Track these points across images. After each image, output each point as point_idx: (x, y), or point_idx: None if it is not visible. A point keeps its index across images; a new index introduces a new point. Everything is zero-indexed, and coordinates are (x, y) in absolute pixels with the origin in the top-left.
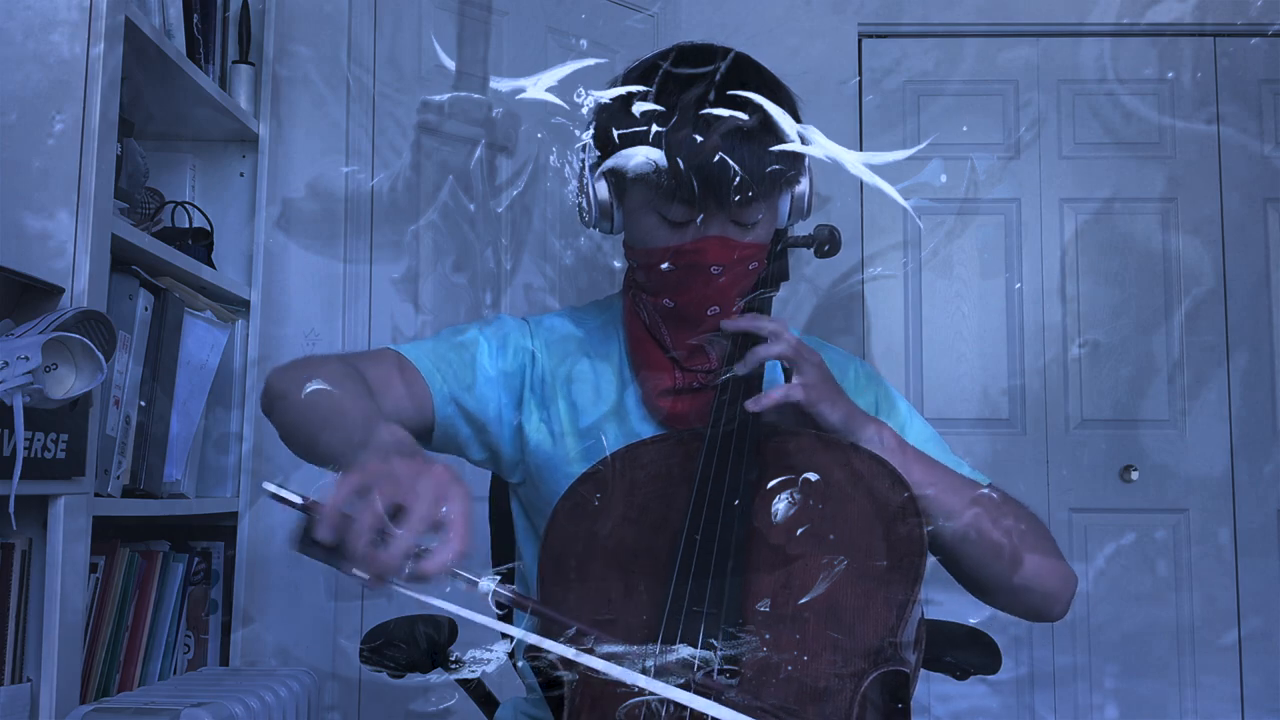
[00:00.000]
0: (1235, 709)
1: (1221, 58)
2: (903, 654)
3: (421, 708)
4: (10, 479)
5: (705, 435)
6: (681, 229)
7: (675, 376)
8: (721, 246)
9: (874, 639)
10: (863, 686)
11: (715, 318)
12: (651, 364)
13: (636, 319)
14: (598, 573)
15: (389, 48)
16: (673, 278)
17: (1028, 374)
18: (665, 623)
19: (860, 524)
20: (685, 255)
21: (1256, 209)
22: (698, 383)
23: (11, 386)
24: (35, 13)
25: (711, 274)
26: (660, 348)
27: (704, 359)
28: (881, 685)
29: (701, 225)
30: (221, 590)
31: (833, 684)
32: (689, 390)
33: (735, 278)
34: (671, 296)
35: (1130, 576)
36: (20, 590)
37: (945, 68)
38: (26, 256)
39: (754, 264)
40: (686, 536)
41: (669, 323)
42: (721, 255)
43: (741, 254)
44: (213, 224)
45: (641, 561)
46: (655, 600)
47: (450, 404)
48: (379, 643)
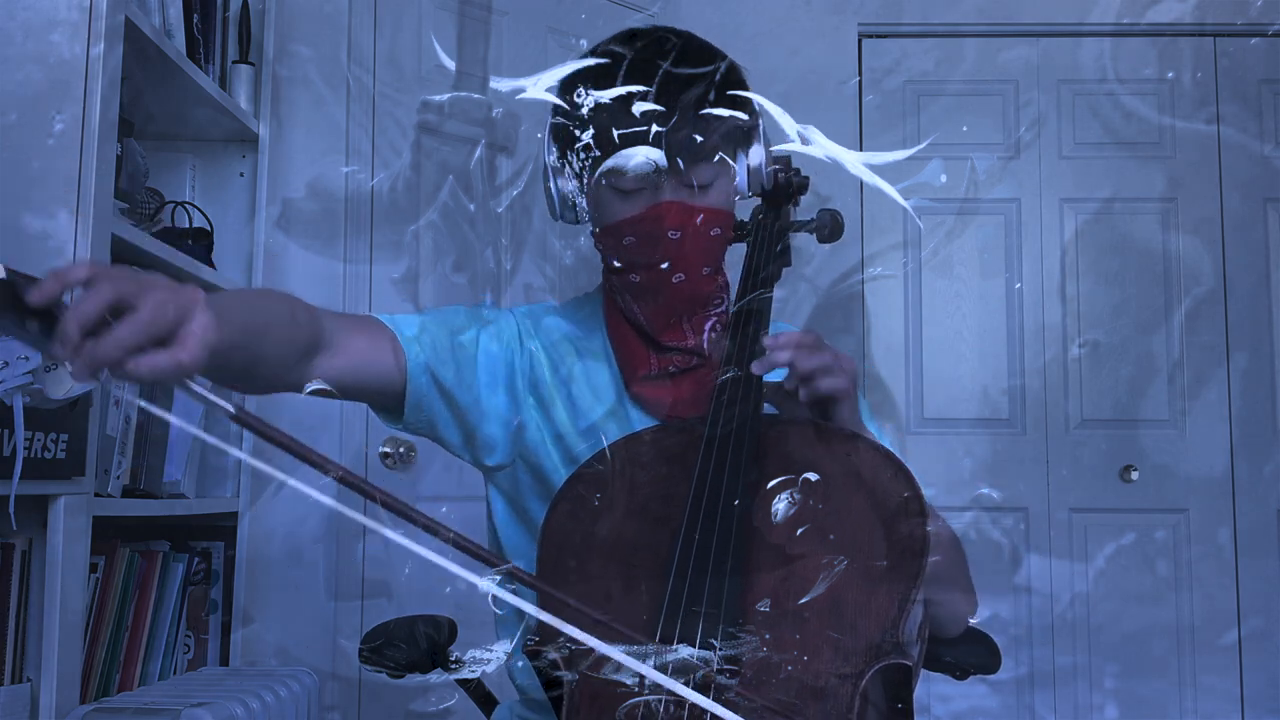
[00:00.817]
0: (1235, 709)
1: (1221, 58)
2: (904, 648)
3: (421, 708)
4: (10, 479)
5: (704, 431)
6: (635, 198)
7: (651, 362)
8: (676, 210)
9: (875, 633)
10: (864, 681)
11: (680, 286)
12: (631, 352)
13: (615, 309)
14: (596, 570)
15: (389, 48)
16: (634, 250)
17: (1028, 374)
18: (663, 621)
19: (863, 518)
20: (642, 223)
21: (1256, 209)
22: (674, 366)
23: (11, 386)
24: (35, 13)
25: (670, 239)
26: (638, 334)
27: (679, 336)
28: (883, 680)
29: (655, 192)
30: (221, 590)
31: (833, 681)
32: (666, 375)
33: (696, 243)
34: (636, 271)
35: (1130, 576)
36: (20, 590)
37: (945, 68)
38: (26, 256)
39: (716, 229)
40: (684, 535)
41: (640, 299)
42: (677, 219)
43: (698, 216)
44: (213, 224)
45: (641, 558)
46: (654, 599)
47: (425, 373)
48: (379, 643)
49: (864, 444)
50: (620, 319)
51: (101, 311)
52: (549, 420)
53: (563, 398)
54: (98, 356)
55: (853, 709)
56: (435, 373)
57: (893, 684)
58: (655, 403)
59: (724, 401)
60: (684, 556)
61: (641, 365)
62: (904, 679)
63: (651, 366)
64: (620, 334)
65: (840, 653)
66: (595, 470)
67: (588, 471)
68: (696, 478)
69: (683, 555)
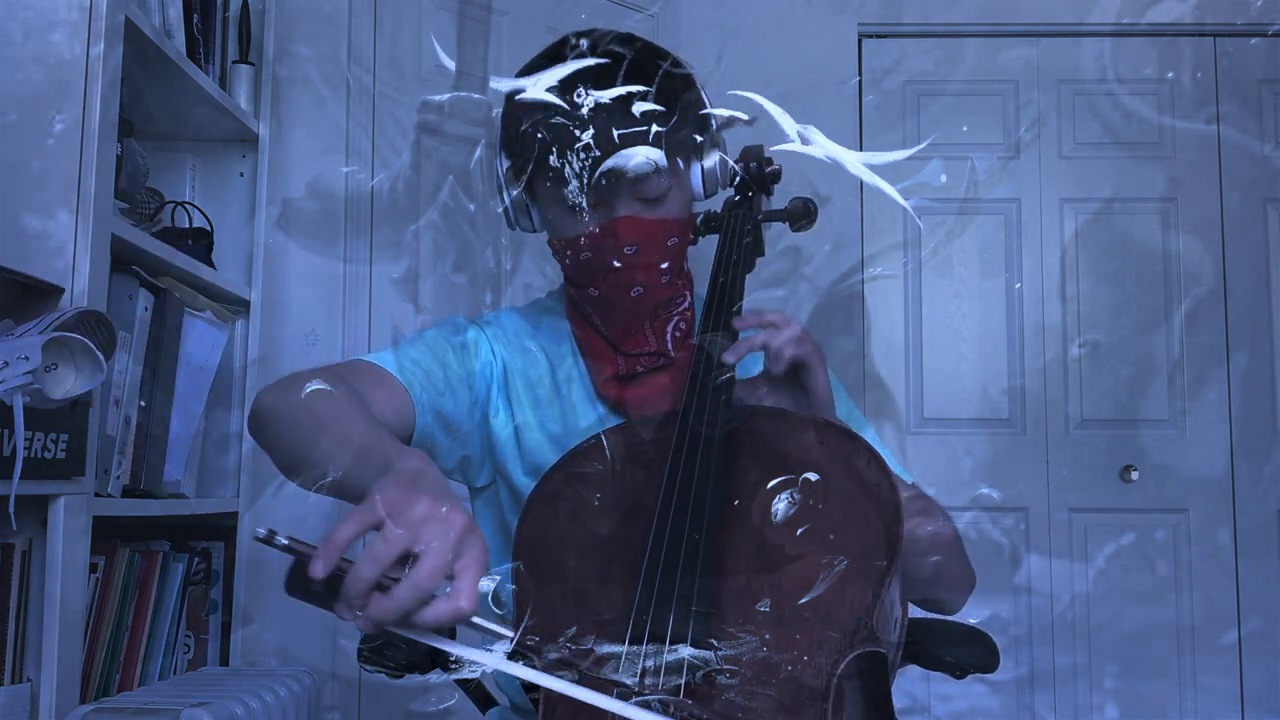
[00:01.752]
0: (1235, 709)
1: (1221, 58)
2: (879, 636)
3: (421, 708)
4: (10, 479)
5: (674, 427)
6: (585, 214)
7: (618, 363)
8: (630, 225)
9: (850, 621)
10: (839, 669)
11: (640, 299)
12: (596, 354)
13: (577, 312)
14: (569, 571)
15: (389, 48)
16: (591, 265)
17: (1028, 374)
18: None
19: (837, 505)
20: (597, 239)
21: (1256, 209)
22: (641, 366)
23: (11, 386)
24: (35, 13)
25: (626, 254)
26: (600, 337)
27: (642, 342)
28: (859, 669)
29: (608, 208)
30: (221, 590)
31: (808, 671)
32: (633, 375)
33: (653, 256)
34: (595, 285)
35: (1130, 576)
36: (20, 590)
37: (945, 68)
38: (26, 256)
39: (672, 239)
40: (655, 531)
41: (599, 311)
42: (632, 234)
43: (654, 230)
44: (213, 224)
45: (613, 557)
46: (626, 597)
47: (429, 412)
48: (378, 643)
49: (835, 431)
50: (584, 322)
51: (381, 576)
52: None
53: (531, 402)
54: (382, 618)
55: (828, 699)
56: (439, 409)
57: (869, 673)
58: (623, 401)
59: (695, 397)
60: (654, 553)
61: (609, 366)
62: (880, 667)
63: (619, 367)
64: (585, 336)
65: (815, 642)
66: (565, 472)
67: (556, 474)
68: (668, 474)
69: (653, 551)
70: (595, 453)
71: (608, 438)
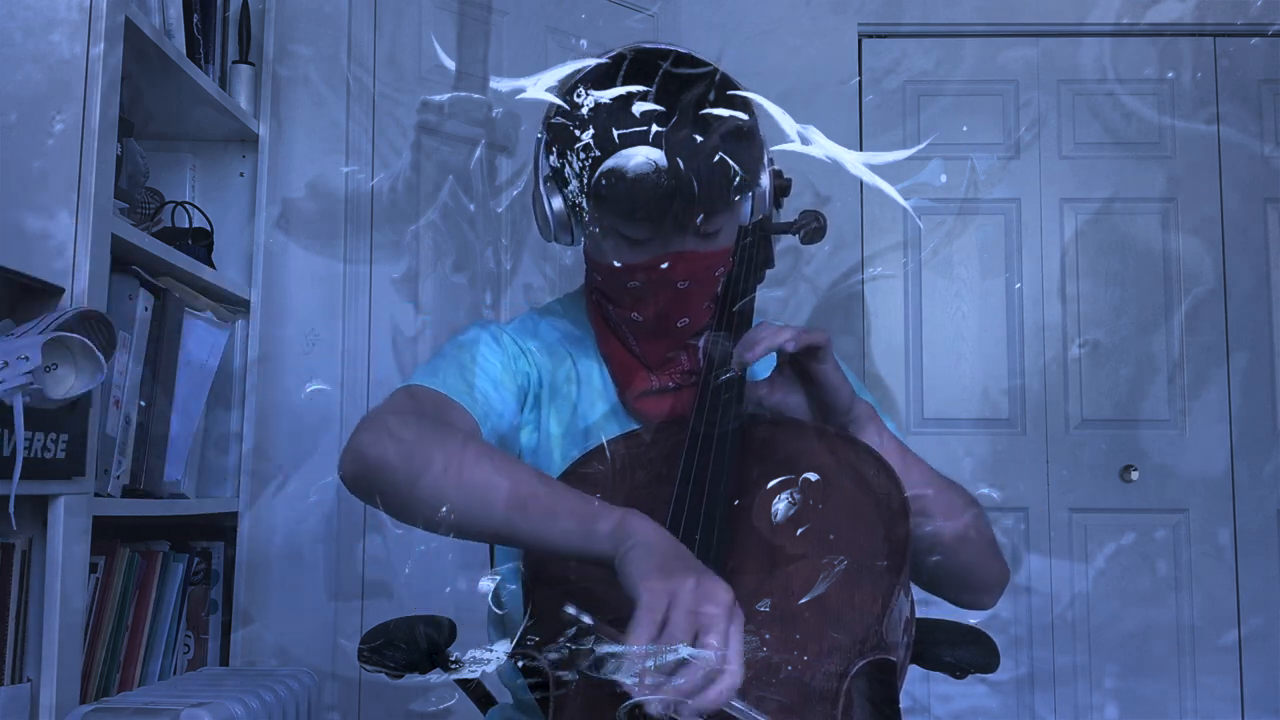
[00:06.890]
0: (1235, 709)
1: (1221, 58)
2: (889, 642)
3: (421, 708)
4: (10, 479)
5: (687, 432)
6: (643, 246)
7: (650, 379)
8: (686, 261)
9: (859, 628)
10: (849, 676)
11: (685, 329)
12: (624, 365)
13: (603, 321)
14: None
15: (389, 48)
16: (638, 293)
17: (1028, 374)
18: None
19: (847, 515)
20: (650, 273)
21: (1256, 209)
22: (674, 382)
23: (11, 386)
24: (35, 13)
25: (678, 289)
26: (632, 354)
27: (677, 364)
28: (869, 676)
29: (663, 241)
30: (221, 590)
31: (819, 678)
32: (667, 390)
33: (702, 288)
34: (639, 311)
35: (1130, 576)
36: (20, 590)
37: (945, 68)
38: (26, 256)
39: (719, 269)
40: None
41: (638, 334)
42: (687, 271)
43: (707, 264)
44: (213, 224)
45: None
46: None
47: (491, 434)
48: (378, 643)
49: (846, 441)
50: (611, 334)
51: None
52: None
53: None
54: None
55: (838, 705)
56: (494, 426)
57: (879, 680)
58: (654, 416)
59: (708, 402)
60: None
61: (640, 382)
62: (890, 675)
63: (650, 384)
64: (612, 347)
65: (826, 645)
66: (581, 473)
67: (572, 475)
68: (680, 477)
69: None
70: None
71: (620, 442)
